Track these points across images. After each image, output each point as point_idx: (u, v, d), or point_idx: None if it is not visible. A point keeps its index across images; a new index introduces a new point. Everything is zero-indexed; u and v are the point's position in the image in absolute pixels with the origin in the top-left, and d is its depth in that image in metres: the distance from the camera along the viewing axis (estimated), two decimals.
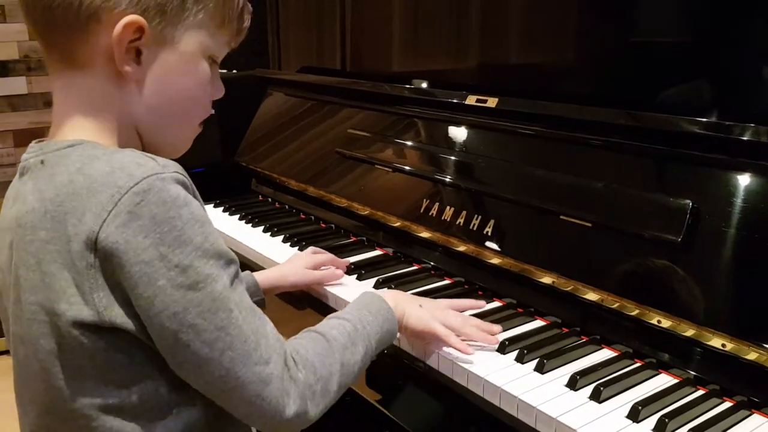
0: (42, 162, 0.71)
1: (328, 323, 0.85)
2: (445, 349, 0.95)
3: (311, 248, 1.26)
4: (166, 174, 0.68)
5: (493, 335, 0.96)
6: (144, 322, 0.68)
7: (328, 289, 1.18)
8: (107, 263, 0.66)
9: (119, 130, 0.75)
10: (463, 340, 0.94)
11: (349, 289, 1.16)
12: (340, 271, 1.20)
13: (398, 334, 0.94)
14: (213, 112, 0.82)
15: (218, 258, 0.69)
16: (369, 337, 0.85)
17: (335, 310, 1.15)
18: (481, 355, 0.94)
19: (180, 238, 0.66)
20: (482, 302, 1.06)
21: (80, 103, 0.73)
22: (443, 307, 0.99)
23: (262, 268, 1.30)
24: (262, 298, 1.13)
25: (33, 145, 0.75)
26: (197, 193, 0.73)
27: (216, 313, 0.68)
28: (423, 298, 1.03)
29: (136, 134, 0.77)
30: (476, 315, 1.04)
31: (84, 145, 0.71)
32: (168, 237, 0.66)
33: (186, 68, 0.76)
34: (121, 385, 0.71)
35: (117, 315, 0.68)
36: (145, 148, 0.78)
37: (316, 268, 1.19)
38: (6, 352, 2.35)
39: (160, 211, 0.66)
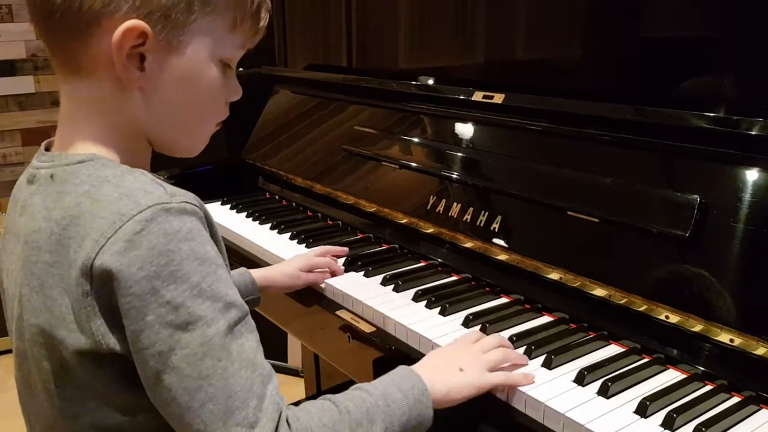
0: (52, 176, 0.69)
1: (347, 394, 0.75)
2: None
3: (318, 248, 1.26)
4: (172, 204, 0.65)
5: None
6: (132, 355, 0.66)
7: (329, 281, 1.18)
8: (102, 290, 0.64)
9: (127, 139, 0.73)
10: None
11: (353, 284, 1.17)
12: (328, 275, 1.19)
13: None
14: (228, 114, 0.79)
15: (215, 300, 0.65)
16: (392, 417, 0.74)
17: (336, 303, 1.16)
18: None
19: (176, 273, 0.63)
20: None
21: (87, 111, 0.71)
22: (478, 348, 0.88)
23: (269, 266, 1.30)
24: (258, 296, 1.12)
25: (44, 153, 0.73)
26: (211, 219, 0.70)
27: (202, 360, 0.64)
28: (455, 350, 0.89)
29: (146, 141, 0.75)
30: (484, 311, 1.05)
31: (94, 163, 0.69)
32: (164, 271, 0.63)
33: (193, 75, 0.72)
34: (122, 410, 0.69)
35: (115, 342, 0.66)
36: (159, 148, 0.77)
37: (311, 269, 1.19)
38: (8, 351, 2.36)
39: (159, 243, 0.63)
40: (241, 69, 0.80)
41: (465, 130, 1.30)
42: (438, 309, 1.06)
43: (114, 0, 0.66)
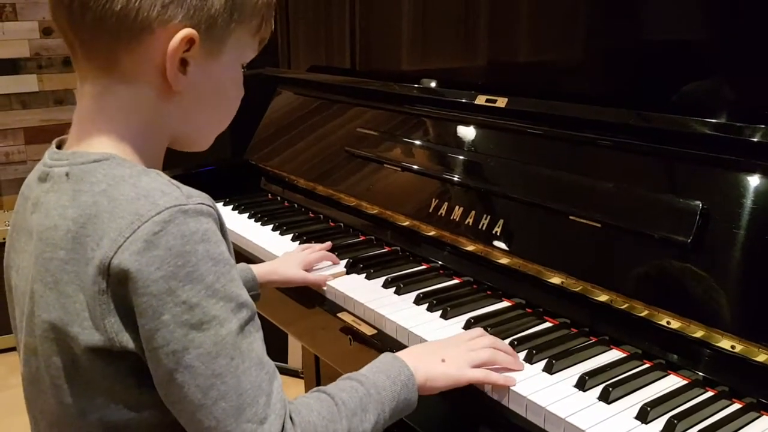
0: (67, 175, 0.70)
1: (339, 384, 0.79)
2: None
3: (303, 246, 1.30)
4: (189, 206, 0.66)
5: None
6: (145, 353, 0.67)
7: (330, 283, 1.19)
8: (118, 289, 0.65)
9: (149, 140, 0.74)
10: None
11: (354, 286, 1.17)
12: (330, 276, 1.21)
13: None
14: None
15: (228, 301, 0.67)
16: (383, 405, 0.78)
17: (338, 305, 1.16)
18: None
19: (192, 274, 0.65)
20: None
21: (114, 111, 0.72)
22: (467, 346, 0.90)
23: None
24: (258, 293, 1.14)
25: (56, 151, 0.74)
26: (222, 219, 0.72)
27: (216, 359, 0.66)
28: (444, 343, 0.93)
29: (165, 142, 0.77)
30: (486, 315, 1.05)
31: (110, 162, 0.70)
32: (180, 272, 0.64)
33: (227, 78, 0.76)
34: (130, 406, 0.70)
35: (128, 340, 0.67)
36: (174, 146, 0.78)
37: (308, 265, 1.23)
38: (12, 349, 2.37)
39: (176, 244, 0.64)
40: (244, 69, 0.82)
41: (467, 133, 1.30)
42: (439, 312, 1.06)
43: (170, 9, 0.68)
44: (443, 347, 0.91)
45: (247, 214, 1.60)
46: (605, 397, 0.84)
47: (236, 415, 0.66)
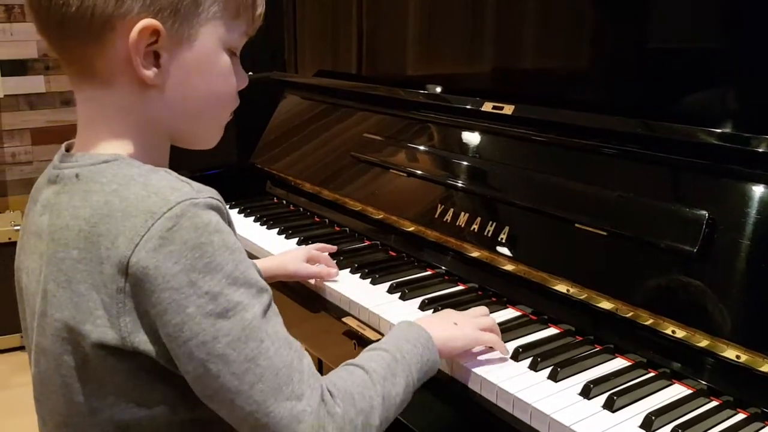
0: (77, 176, 0.71)
1: (365, 355, 0.81)
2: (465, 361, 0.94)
3: (314, 245, 1.30)
4: (200, 199, 0.67)
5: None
6: (172, 352, 0.67)
7: (335, 288, 1.19)
8: (137, 288, 0.66)
9: (148, 138, 0.74)
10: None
11: (360, 291, 1.17)
12: (335, 270, 1.23)
13: (443, 361, 0.91)
14: (239, 102, 0.80)
15: (249, 286, 0.68)
16: (410, 367, 0.81)
17: (342, 310, 1.16)
18: (494, 362, 0.94)
19: (210, 264, 0.66)
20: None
21: (106, 114, 0.73)
22: (472, 314, 0.98)
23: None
24: None
25: (66, 153, 0.75)
26: (230, 217, 0.72)
27: (246, 343, 0.67)
28: (450, 311, 1.00)
29: (166, 138, 0.77)
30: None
31: (119, 162, 0.70)
32: (199, 263, 0.65)
33: (206, 64, 0.74)
34: (141, 405, 0.71)
35: (141, 341, 0.67)
36: (178, 142, 0.78)
37: (312, 258, 1.24)
38: (21, 348, 2.37)
39: (191, 237, 0.65)
40: (251, 73, 0.82)
41: (474, 139, 1.30)
42: None
43: (125, 2, 0.68)
44: (450, 315, 0.97)
45: (253, 218, 1.61)
46: (610, 406, 0.84)
47: (275, 394, 0.67)
